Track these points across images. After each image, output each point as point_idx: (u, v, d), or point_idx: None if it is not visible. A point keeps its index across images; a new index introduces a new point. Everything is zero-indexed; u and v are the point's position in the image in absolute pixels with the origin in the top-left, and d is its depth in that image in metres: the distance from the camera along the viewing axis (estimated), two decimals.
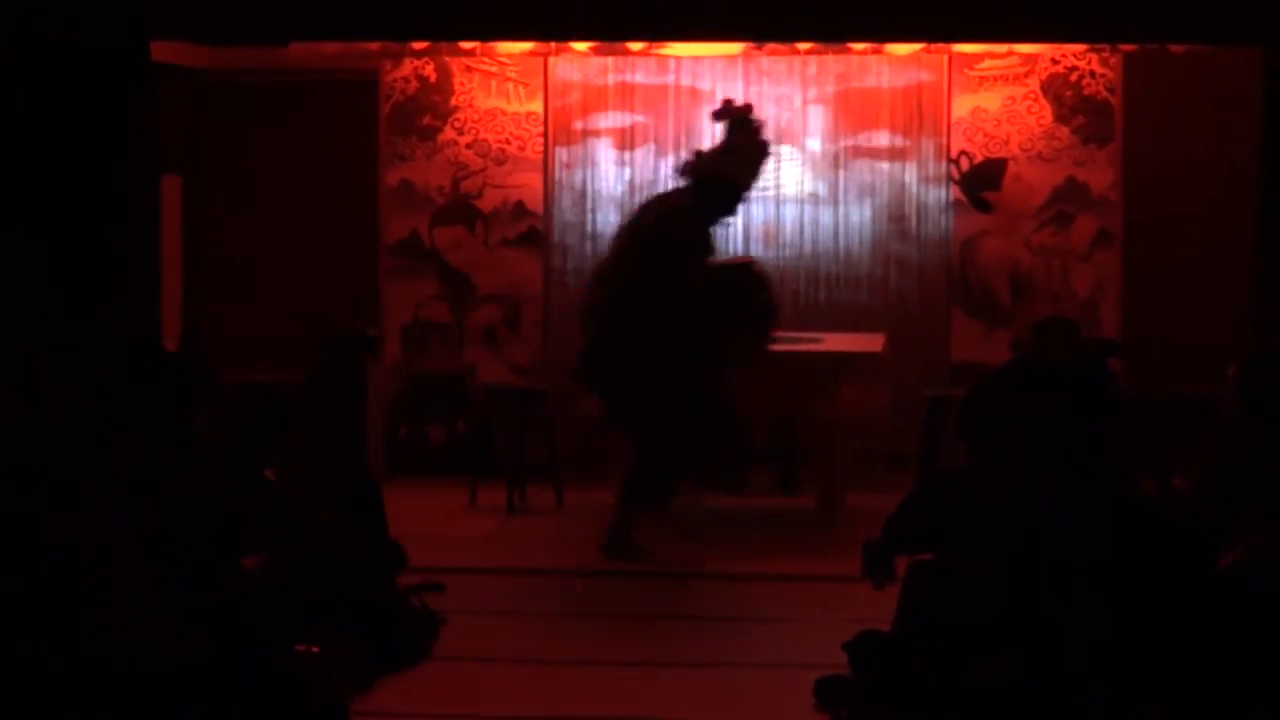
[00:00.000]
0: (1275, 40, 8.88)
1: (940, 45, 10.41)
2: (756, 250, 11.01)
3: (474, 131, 11.13)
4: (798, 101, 10.99)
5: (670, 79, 11.06)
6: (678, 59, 10.88)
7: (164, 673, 4.90)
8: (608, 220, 11.09)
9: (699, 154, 9.18)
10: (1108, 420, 6.34)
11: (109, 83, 8.79)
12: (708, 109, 10.94)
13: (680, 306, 8.60)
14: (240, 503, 6.08)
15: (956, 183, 10.90)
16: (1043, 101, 10.87)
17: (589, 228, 11.15)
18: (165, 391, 6.10)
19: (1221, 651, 4.72)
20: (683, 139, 11.04)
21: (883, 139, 10.93)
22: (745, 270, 9.18)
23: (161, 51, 9.43)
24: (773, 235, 11.05)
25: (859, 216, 10.93)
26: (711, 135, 10.95)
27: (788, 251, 11.06)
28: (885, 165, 10.88)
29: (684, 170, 9.04)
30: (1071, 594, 4.67)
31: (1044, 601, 4.72)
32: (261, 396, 6.90)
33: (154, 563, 5.18)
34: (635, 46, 10.54)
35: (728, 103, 9.27)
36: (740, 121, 9.06)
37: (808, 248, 11.02)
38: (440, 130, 11.16)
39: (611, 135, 11.11)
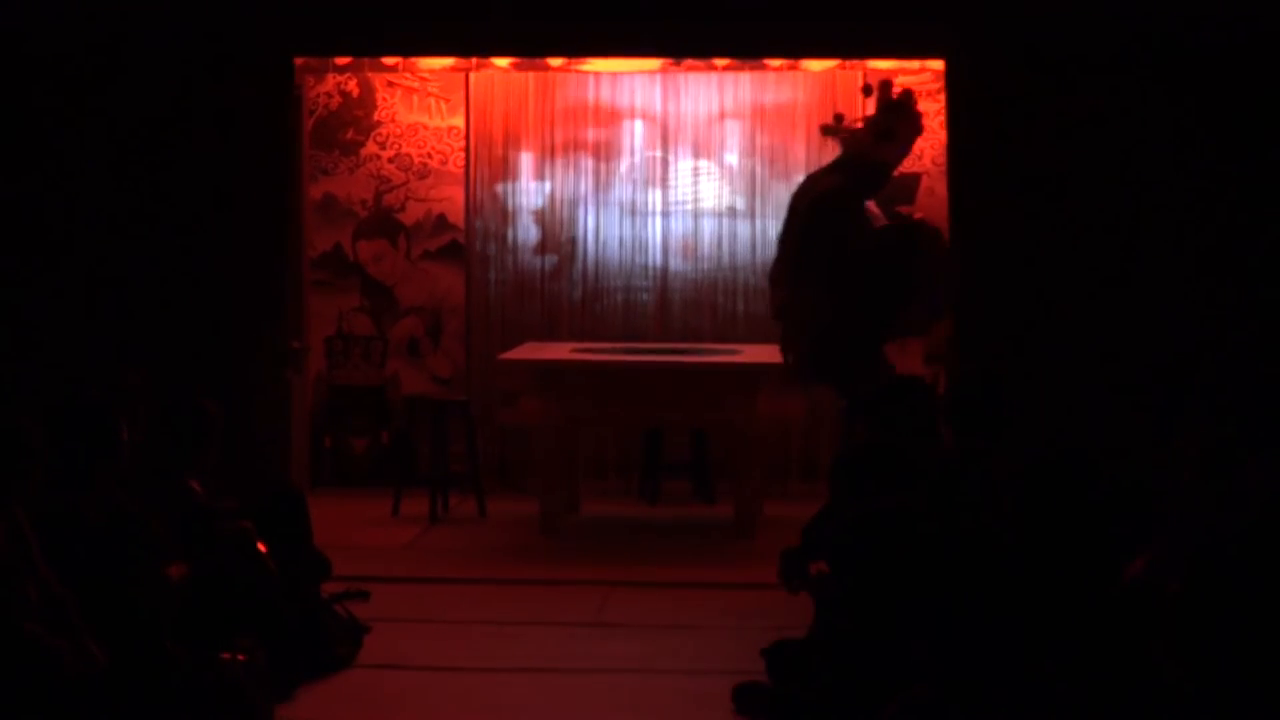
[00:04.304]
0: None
1: (854, 61, 10.53)
2: (675, 263, 11.14)
3: (396, 145, 11.21)
4: (715, 117, 11.12)
5: (589, 94, 11.16)
6: (597, 74, 10.98)
7: (74, 683, 4.93)
8: (528, 232, 11.20)
9: (840, 116, 9.47)
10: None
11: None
12: (626, 123, 11.10)
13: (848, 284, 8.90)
14: (163, 512, 6.14)
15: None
16: None
17: (510, 240, 11.23)
18: (91, 407, 6.17)
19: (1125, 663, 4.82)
20: (601, 152, 11.16)
21: (799, 153, 11.06)
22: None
23: None
24: (691, 248, 11.17)
25: (776, 230, 11.02)
26: (630, 150, 11.12)
27: (706, 264, 11.18)
28: (801, 179, 10.98)
29: (833, 133, 9.21)
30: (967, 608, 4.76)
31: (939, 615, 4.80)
32: (182, 408, 6.94)
33: (66, 574, 5.21)
34: (555, 62, 10.64)
35: (885, 84, 9.36)
36: (898, 108, 9.18)
37: (726, 260, 11.15)
38: (363, 144, 11.23)
39: (531, 149, 11.21)
